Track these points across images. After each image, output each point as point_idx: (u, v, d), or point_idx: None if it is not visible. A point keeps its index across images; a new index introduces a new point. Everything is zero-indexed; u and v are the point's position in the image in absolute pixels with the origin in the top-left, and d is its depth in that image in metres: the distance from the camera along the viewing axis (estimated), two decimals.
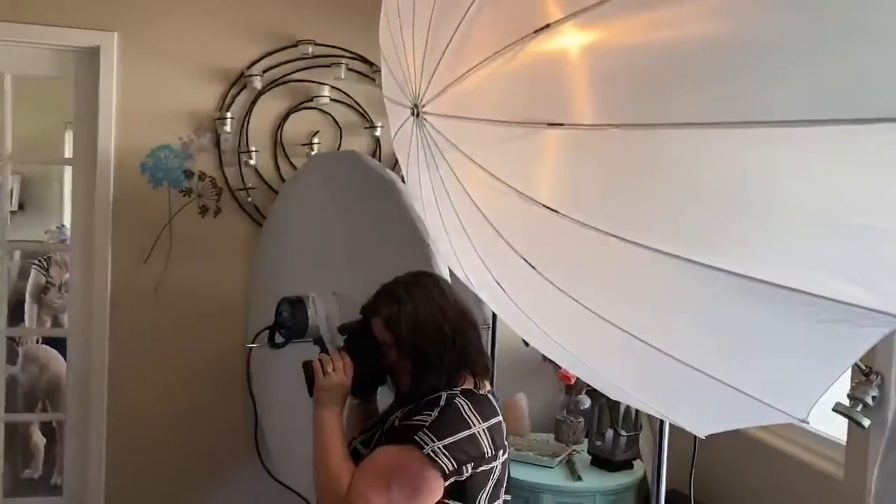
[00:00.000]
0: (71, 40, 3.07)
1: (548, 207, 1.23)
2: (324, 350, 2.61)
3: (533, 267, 1.32)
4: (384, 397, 1.92)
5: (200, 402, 3.22)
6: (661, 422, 1.80)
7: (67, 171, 5.63)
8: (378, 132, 3.31)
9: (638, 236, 1.19)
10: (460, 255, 1.67)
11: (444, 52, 1.32)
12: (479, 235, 1.46)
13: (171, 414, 3.21)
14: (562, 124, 1.17)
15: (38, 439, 3.94)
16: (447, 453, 1.56)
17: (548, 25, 1.14)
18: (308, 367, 1.80)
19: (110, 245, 3.13)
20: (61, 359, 3.80)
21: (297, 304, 2.62)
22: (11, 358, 3.43)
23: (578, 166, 1.24)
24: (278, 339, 2.63)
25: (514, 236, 1.34)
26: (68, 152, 5.28)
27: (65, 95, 3.42)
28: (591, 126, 1.20)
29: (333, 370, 1.75)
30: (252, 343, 2.65)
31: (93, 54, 3.07)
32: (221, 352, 3.21)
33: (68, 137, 5.31)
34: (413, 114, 1.46)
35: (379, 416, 1.86)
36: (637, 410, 2.90)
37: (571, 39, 1.15)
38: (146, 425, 3.19)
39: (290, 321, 2.59)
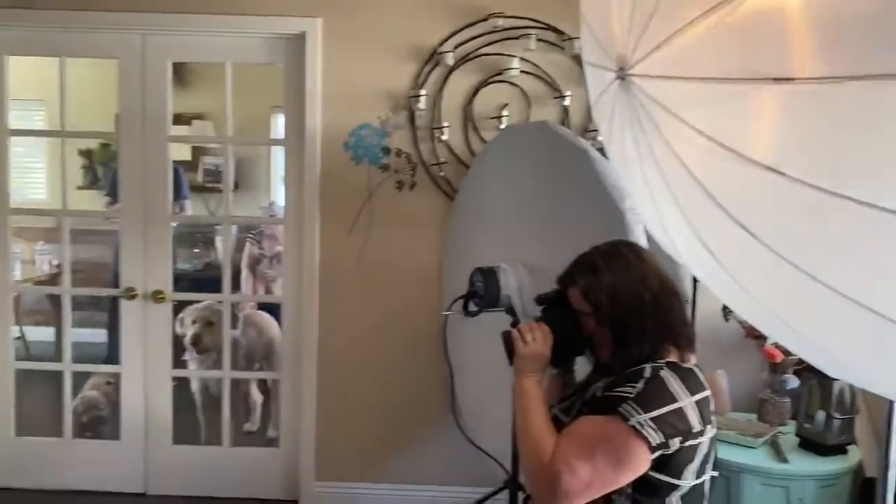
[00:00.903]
0: (280, 28, 3.31)
1: (770, 168, 1.16)
2: (516, 319, 2.66)
3: (752, 234, 1.25)
4: (581, 368, 1.92)
5: (400, 365, 3.39)
6: (891, 403, 1.65)
7: (274, 152, 6.17)
8: (567, 101, 3.27)
9: (870, 196, 1.10)
10: (666, 221, 1.62)
11: (654, 10, 1.27)
12: (689, 200, 1.41)
13: (373, 374, 3.41)
14: (791, 79, 1.09)
15: (256, 396, 4.35)
16: (654, 426, 1.53)
17: None
18: (508, 337, 1.83)
19: (318, 219, 3.36)
20: (275, 323, 4.15)
21: (489, 275, 2.68)
22: (233, 322, 3.80)
23: (804, 123, 1.16)
24: (472, 307, 2.72)
25: (729, 201, 1.28)
26: (274, 134, 5.78)
27: (270, 81, 3.71)
28: (820, 79, 1.11)
29: (533, 339, 1.77)
30: (447, 311, 2.76)
31: (299, 40, 3.29)
32: (418, 317, 3.35)
33: (274, 121, 5.77)
34: (618, 76, 1.43)
35: (577, 386, 1.87)
36: (854, 392, 2.67)
37: None
38: (352, 384, 3.42)
39: (484, 290, 2.66)
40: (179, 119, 5.22)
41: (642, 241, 2.03)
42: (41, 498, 3.50)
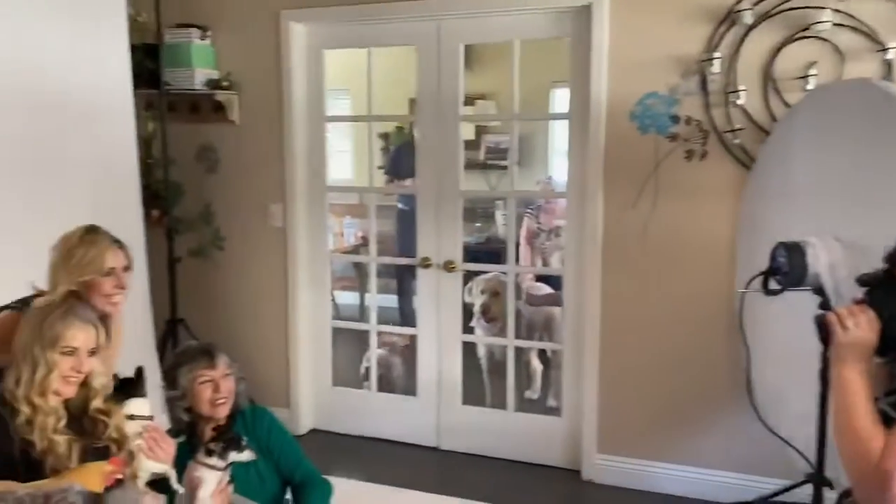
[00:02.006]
0: (567, 1, 3.32)
1: None
2: (825, 300, 2.42)
3: None
4: None
5: (688, 342, 3.28)
6: None
7: (551, 128, 6.24)
8: (890, 55, 2.87)
9: None
10: None
11: None
12: None
13: (657, 350, 3.33)
14: None
15: (536, 365, 4.48)
16: None
17: None
18: (823, 321, 1.67)
19: (601, 192, 3.34)
20: (555, 294, 4.23)
21: (795, 250, 2.47)
22: (517, 293, 3.93)
23: None
24: (773, 285, 2.52)
25: None
26: (553, 110, 5.84)
27: (551, 57, 3.75)
28: None
29: (855, 325, 1.59)
30: (744, 288, 2.60)
31: (585, 11, 3.27)
32: (706, 294, 3.21)
33: (553, 96, 5.82)
34: None
35: None
36: None
37: None
38: (635, 359, 3.38)
39: (787, 267, 2.46)
40: (465, 100, 5.49)
41: None
42: (351, 442, 3.95)
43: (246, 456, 2.22)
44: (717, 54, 3.06)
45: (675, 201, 3.24)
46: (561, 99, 5.64)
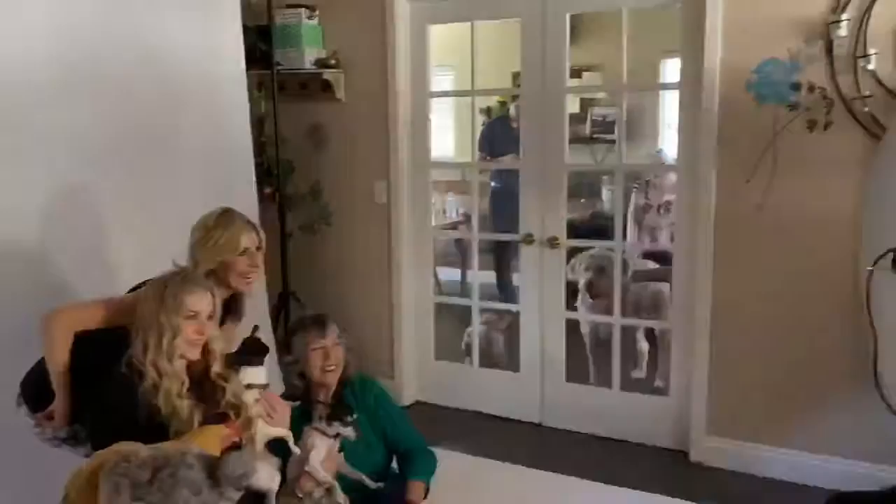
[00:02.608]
0: None
1: None
2: None
3: None
4: None
5: (806, 322, 3.11)
6: None
7: (661, 100, 6.04)
8: None
9: None
10: None
11: None
12: None
13: (773, 330, 3.19)
14: None
15: (643, 344, 4.38)
16: None
17: None
18: None
19: (714, 165, 3.21)
20: (664, 272, 4.12)
21: None
22: (623, 270, 3.84)
23: None
24: None
25: None
26: (662, 81, 5.65)
27: (660, 27, 3.60)
28: None
29: None
30: (872, 266, 2.44)
31: None
32: (826, 272, 3.04)
33: (663, 67, 5.63)
34: None
35: None
36: None
37: None
38: (748, 339, 3.24)
39: None
40: (570, 73, 5.38)
41: None
42: (455, 415, 3.99)
43: (349, 432, 2.29)
44: (844, 16, 2.86)
45: (794, 174, 3.07)
46: (672, 69, 5.45)
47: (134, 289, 2.24)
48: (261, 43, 3.92)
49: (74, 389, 2.09)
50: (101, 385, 1.98)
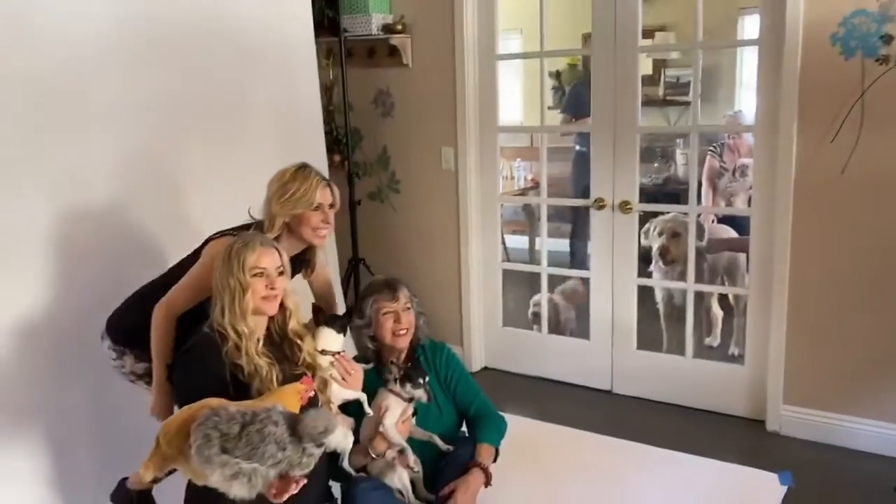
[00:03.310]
0: None
1: None
2: None
3: None
4: None
5: (887, 289, 2.99)
6: None
7: (738, 59, 5.80)
8: None
9: None
10: None
11: None
12: None
13: (855, 298, 3.06)
14: None
15: (717, 311, 4.27)
16: None
17: None
18: None
19: (795, 125, 3.07)
20: (738, 238, 3.99)
21: None
22: (698, 235, 3.73)
23: None
24: None
25: None
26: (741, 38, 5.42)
27: None
28: None
29: None
30: None
31: None
32: None
33: (741, 25, 5.40)
34: None
35: None
36: None
37: None
38: (828, 306, 3.13)
39: None
40: (643, 33, 5.22)
41: None
42: (523, 381, 4.00)
43: (421, 394, 2.31)
44: None
45: (883, 133, 2.91)
46: (750, 26, 5.23)
47: (197, 250, 2.31)
48: (328, 10, 3.94)
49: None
50: (189, 345, 2.06)
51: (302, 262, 2.39)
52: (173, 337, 2.18)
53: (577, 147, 5.23)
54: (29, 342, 2.45)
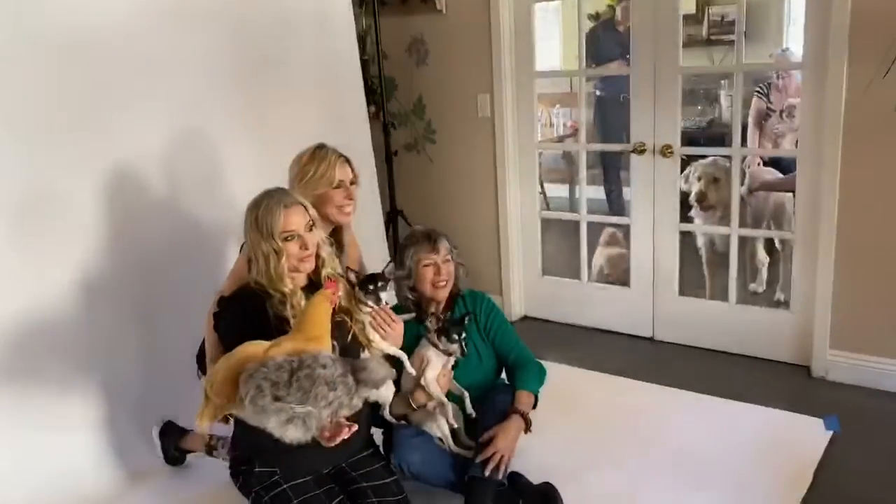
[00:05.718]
0: None
1: None
2: None
3: None
4: None
5: None
6: None
7: None
8: None
9: None
10: None
11: None
12: None
13: None
14: None
15: (762, 257, 4.18)
16: None
17: None
18: None
19: (845, 61, 2.94)
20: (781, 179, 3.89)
21: None
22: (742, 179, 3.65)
23: None
24: None
25: None
26: None
27: None
28: None
29: None
30: None
31: None
32: None
33: None
34: None
35: None
36: None
37: None
38: (876, 251, 3.03)
39: None
40: None
41: None
42: (563, 329, 4.00)
43: (454, 349, 2.32)
44: None
45: None
46: None
47: None
48: None
49: None
50: (234, 293, 2.10)
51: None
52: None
53: (598, 92, 5.12)
54: (90, 296, 2.60)
